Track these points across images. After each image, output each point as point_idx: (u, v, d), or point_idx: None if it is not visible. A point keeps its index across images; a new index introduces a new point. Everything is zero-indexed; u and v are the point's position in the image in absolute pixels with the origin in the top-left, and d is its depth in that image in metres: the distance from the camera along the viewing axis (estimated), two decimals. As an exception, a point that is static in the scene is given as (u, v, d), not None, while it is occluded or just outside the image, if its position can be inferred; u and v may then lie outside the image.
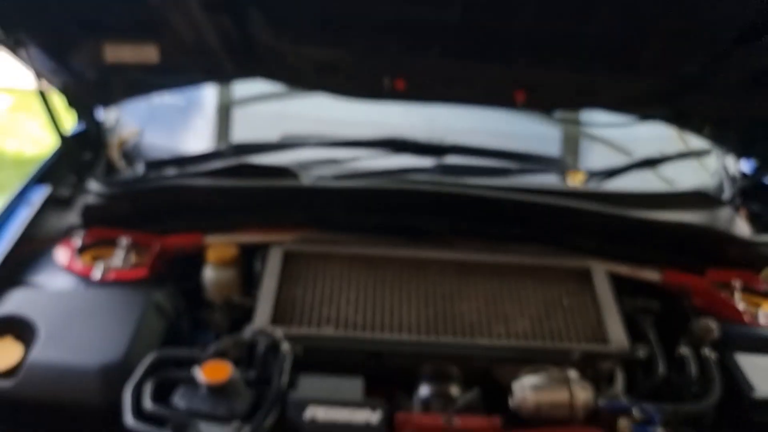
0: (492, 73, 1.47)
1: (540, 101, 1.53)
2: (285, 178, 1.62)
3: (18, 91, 5.74)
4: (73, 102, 1.55)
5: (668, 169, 2.00)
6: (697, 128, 1.68)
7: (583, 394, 1.22)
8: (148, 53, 1.39)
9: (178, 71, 1.53)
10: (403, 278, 1.45)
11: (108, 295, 1.38)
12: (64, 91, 1.52)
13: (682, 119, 1.67)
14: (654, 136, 2.03)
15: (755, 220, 1.80)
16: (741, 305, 1.53)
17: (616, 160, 2.01)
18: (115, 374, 1.18)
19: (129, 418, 1.10)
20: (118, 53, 1.39)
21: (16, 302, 1.32)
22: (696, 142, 1.93)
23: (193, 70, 1.54)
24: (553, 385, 1.22)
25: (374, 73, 1.47)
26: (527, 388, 1.22)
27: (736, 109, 1.56)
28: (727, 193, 1.82)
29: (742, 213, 1.81)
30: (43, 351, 1.22)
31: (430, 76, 1.49)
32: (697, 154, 1.96)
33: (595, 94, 1.54)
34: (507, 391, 1.24)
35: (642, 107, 1.60)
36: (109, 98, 1.61)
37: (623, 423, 1.21)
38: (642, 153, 1.95)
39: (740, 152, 1.84)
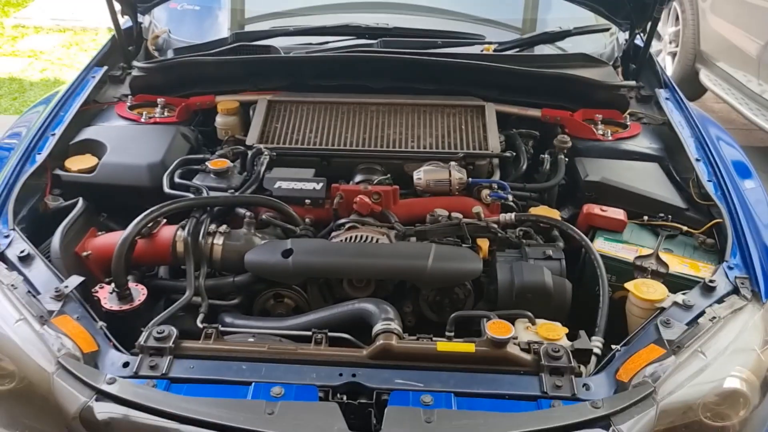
0: None
1: None
2: (270, 54, 2.24)
3: (68, 29, 6.47)
4: (123, 2, 2.19)
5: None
6: None
7: (458, 174, 1.83)
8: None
9: None
10: (349, 115, 2.07)
11: (150, 128, 2.06)
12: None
13: None
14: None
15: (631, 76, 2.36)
16: (600, 131, 2.11)
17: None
18: (157, 168, 1.86)
19: (166, 188, 1.78)
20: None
21: (91, 132, 2.01)
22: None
23: None
24: (438, 168, 1.84)
25: None
26: (422, 172, 1.85)
27: None
28: (609, 56, 2.38)
29: (619, 71, 2.37)
30: (110, 157, 1.90)
31: None
32: (595, 30, 2.49)
33: None
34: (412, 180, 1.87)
35: None
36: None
37: (485, 192, 1.82)
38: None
39: (625, 26, 2.38)
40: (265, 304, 1.62)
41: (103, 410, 1.22)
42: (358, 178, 1.88)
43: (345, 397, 1.28)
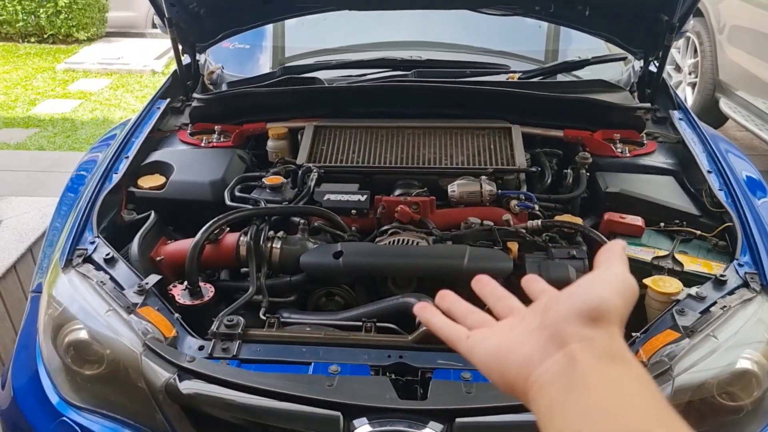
0: None
1: None
2: (314, 84, 2.49)
3: (114, 72, 6.89)
4: (183, 40, 2.47)
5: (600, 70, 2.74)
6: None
7: (488, 186, 2.02)
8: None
9: (246, 1, 2.38)
10: (387, 138, 2.29)
11: (210, 151, 2.30)
12: (178, 30, 2.43)
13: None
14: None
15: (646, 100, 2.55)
16: (618, 149, 2.29)
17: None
18: (218, 185, 2.08)
19: (228, 201, 2.00)
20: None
21: (159, 155, 2.25)
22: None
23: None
24: (470, 182, 2.04)
25: None
26: (455, 185, 2.04)
27: None
28: (626, 82, 2.57)
29: (635, 95, 2.56)
30: (177, 176, 2.14)
31: None
32: (612, 59, 2.70)
33: None
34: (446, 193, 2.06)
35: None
36: (204, 37, 2.52)
37: (513, 202, 2.01)
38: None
39: (639, 54, 2.58)
40: (317, 301, 1.81)
41: (186, 384, 1.41)
42: (398, 191, 2.08)
43: (393, 375, 1.45)
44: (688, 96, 5.37)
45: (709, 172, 2.04)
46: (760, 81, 4.48)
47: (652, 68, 2.59)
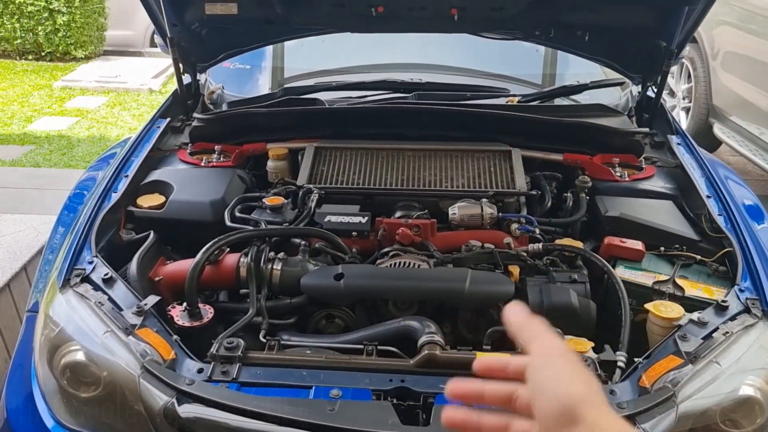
0: None
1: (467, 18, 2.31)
2: (314, 105, 2.49)
3: (111, 90, 6.90)
4: (184, 59, 2.48)
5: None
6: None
7: (489, 209, 2.02)
8: (230, 8, 2.29)
9: (248, 22, 2.40)
10: (388, 159, 2.29)
11: (210, 171, 2.29)
12: (180, 50, 2.43)
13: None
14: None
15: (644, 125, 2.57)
16: (617, 173, 2.30)
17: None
18: (218, 205, 2.07)
19: (228, 222, 1.99)
20: (212, 9, 2.30)
21: (159, 174, 2.25)
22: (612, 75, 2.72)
23: (258, 20, 2.39)
24: (470, 204, 2.04)
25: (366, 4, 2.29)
26: (456, 207, 2.04)
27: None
28: (624, 107, 2.60)
29: (634, 120, 2.58)
30: (177, 195, 2.13)
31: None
32: (610, 84, 2.73)
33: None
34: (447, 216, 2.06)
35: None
36: (205, 57, 2.53)
37: (514, 225, 2.01)
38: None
39: (637, 79, 2.60)
40: (318, 323, 1.79)
41: (185, 408, 1.39)
42: (398, 213, 2.07)
43: (395, 400, 1.44)
44: (682, 121, 5.42)
45: (708, 197, 2.05)
46: (754, 107, 4.53)
47: (650, 93, 2.62)
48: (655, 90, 2.60)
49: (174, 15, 2.36)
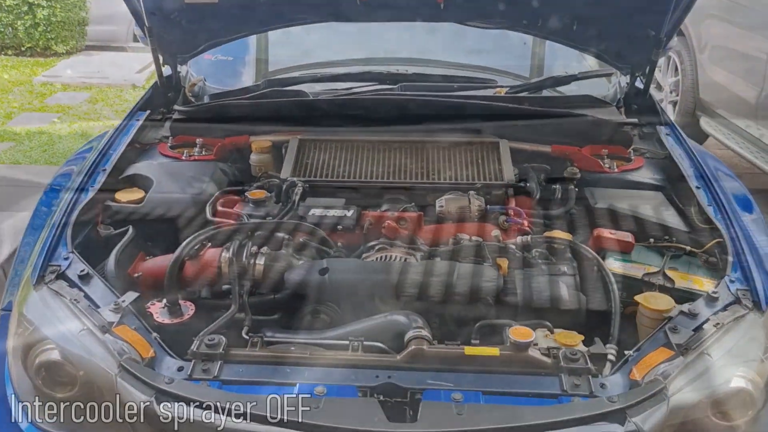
0: None
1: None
2: (298, 97, 2.44)
3: (94, 86, 6.80)
4: (164, 50, 2.41)
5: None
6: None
7: (476, 202, 1.99)
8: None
9: (229, 11, 2.34)
10: (374, 152, 2.25)
11: (192, 164, 2.23)
12: (159, 41, 2.37)
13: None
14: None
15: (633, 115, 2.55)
16: (606, 165, 2.27)
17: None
18: (199, 199, 2.02)
19: (209, 216, 1.94)
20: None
21: (138, 168, 2.19)
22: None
23: (240, 9, 2.33)
24: (458, 197, 2.00)
25: None
26: (444, 200, 2.00)
27: None
28: (613, 98, 2.57)
29: (622, 111, 2.56)
30: (157, 190, 2.07)
31: None
32: (599, 75, 2.70)
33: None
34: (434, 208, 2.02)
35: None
36: (185, 48, 2.47)
37: (501, 218, 1.97)
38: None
39: (626, 70, 2.58)
40: (302, 319, 1.75)
41: (165, 407, 1.34)
42: (385, 206, 2.03)
43: (382, 396, 1.40)
44: (669, 114, 5.42)
45: (697, 187, 2.03)
46: (740, 99, 4.53)
47: (639, 84, 2.59)
48: (644, 81, 2.57)
49: (152, 3, 2.30)
